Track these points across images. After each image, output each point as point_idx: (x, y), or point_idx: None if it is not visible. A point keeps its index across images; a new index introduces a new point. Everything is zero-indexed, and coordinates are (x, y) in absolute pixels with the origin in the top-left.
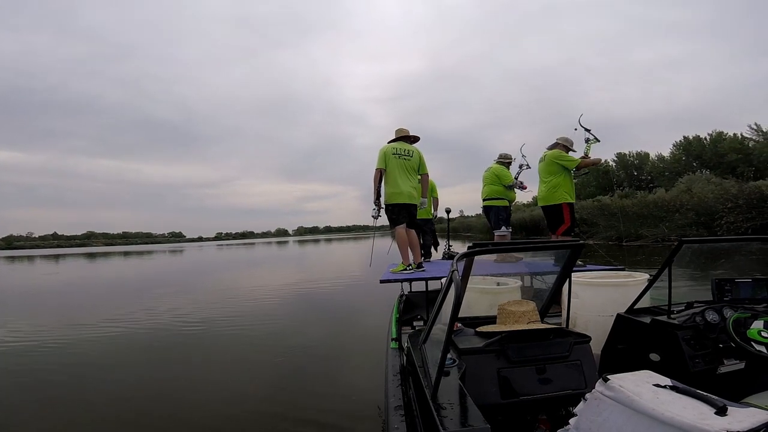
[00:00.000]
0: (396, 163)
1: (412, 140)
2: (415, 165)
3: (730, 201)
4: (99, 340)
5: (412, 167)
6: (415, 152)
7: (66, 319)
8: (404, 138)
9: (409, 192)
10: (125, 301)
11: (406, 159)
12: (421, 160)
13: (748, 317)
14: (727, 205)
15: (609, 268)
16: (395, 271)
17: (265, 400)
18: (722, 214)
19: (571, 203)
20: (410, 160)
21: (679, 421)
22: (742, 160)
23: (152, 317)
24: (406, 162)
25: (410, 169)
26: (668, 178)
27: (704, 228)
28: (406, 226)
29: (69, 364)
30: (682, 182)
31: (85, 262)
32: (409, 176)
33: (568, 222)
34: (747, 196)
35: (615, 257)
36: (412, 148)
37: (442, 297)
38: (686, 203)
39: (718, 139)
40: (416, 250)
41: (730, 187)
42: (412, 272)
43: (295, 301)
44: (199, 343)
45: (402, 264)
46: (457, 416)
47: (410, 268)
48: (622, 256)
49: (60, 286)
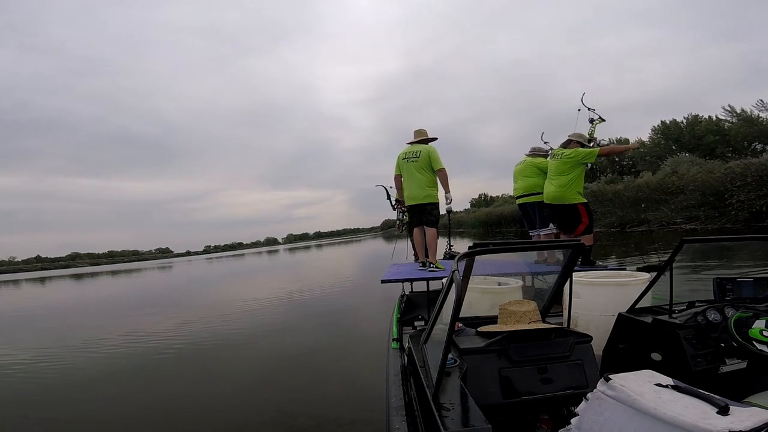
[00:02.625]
0: (406, 166)
1: (429, 140)
2: (424, 164)
3: (738, 179)
4: (108, 361)
5: (421, 167)
6: (422, 152)
7: (72, 340)
8: (418, 140)
9: (418, 193)
10: (117, 320)
11: (414, 161)
12: (430, 157)
13: (750, 317)
14: (736, 184)
15: (610, 268)
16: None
17: (263, 400)
18: (733, 192)
19: (586, 203)
20: (418, 161)
21: (681, 421)
22: (719, 141)
23: (159, 335)
24: (414, 164)
25: (419, 169)
26: (649, 162)
27: (712, 209)
28: (421, 224)
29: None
30: (666, 165)
31: (73, 283)
32: (419, 177)
33: (587, 220)
34: (755, 173)
35: (626, 246)
36: (420, 148)
37: (443, 297)
38: (689, 184)
39: (695, 122)
40: (430, 248)
41: (735, 165)
42: (423, 270)
43: (292, 308)
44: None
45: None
46: (459, 416)
47: (425, 266)
48: (635, 244)
49: (50, 307)
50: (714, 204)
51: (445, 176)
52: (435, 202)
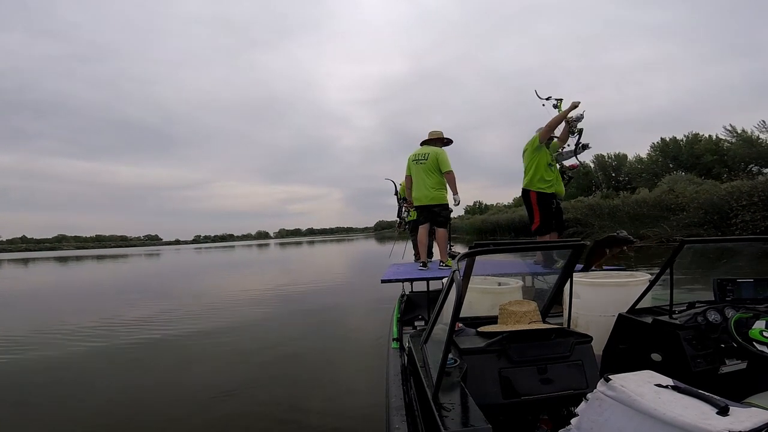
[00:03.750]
0: (415, 168)
1: (443, 143)
2: (432, 166)
3: (744, 198)
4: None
5: (429, 169)
6: (430, 154)
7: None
8: (428, 141)
9: (424, 194)
10: (104, 308)
11: (422, 163)
12: (438, 159)
13: (750, 317)
14: (741, 203)
15: (610, 268)
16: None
17: (264, 399)
18: (737, 212)
19: (542, 192)
20: (426, 163)
21: (681, 422)
22: (717, 161)
23: (153, 324)
24: (422, 166)
25: (427, 171)
26: (645, 179)
27: (714, 228)
28: (429, 225)
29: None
30: (664, 182)
31: (56, 265)
32: (426, 179)
33: (538, 220)
34: (761, 193)
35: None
36: (429, 150)
37: (443, 297)
38: (692, 201)
39: (694, 141)
40: (440, 247)
41: (741, 185)
42: (424, 270)
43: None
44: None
45: (448, 260)
46: (459, 416)
47: (426, 266)
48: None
49: (28, 290)
50: (715, 222)
51: (452, 179)
52: (443, 203)
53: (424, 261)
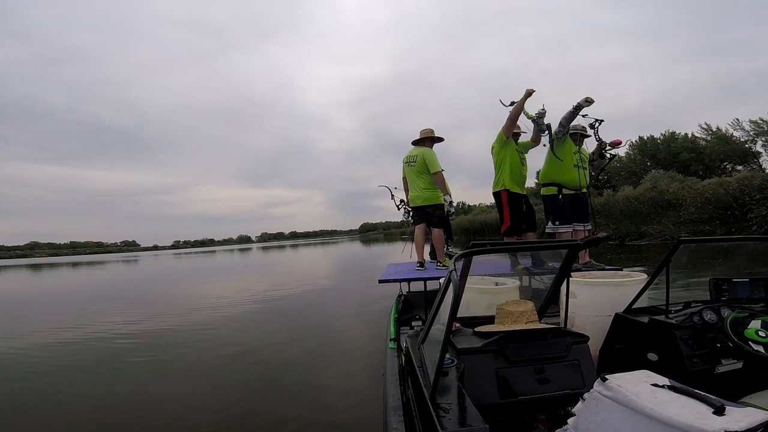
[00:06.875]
0: (408, 171)
1: (434, 141)
2: (421, 168)
3: (756, 192)
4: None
5: (419, 171)
6: (418, 156)
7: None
8: (417, 142)
9: (417, 195)
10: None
11: (412, 165)
12: (426, 160)
13: (746, 317)
14: (754, 197)
15: (607, 268)
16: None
17: (262, 398)
18: (750, 207)
19: (513, 192)
20: (415, 165)
21: (677, 421)
22: (694, 158)
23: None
24: (413, 168)
25: (417, 173)
26: (624, 177)
27: (722, 224)
28: (425, 225)
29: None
30: (647, 180)
31: (29, 273)
32: (417, 181)
33: (507, 221)
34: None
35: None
36: (417, 152)
37: (440, 297)
38: (698, 196)
39: (671, 139)
40: (436, 247)
41: (752, 178)
42: (421, 270)
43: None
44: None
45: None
46: (456, 416)
47: (423, 266)
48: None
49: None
50: (722, 218)
51: (440, 179)
52: (437, 203)
53: (421, 261)
